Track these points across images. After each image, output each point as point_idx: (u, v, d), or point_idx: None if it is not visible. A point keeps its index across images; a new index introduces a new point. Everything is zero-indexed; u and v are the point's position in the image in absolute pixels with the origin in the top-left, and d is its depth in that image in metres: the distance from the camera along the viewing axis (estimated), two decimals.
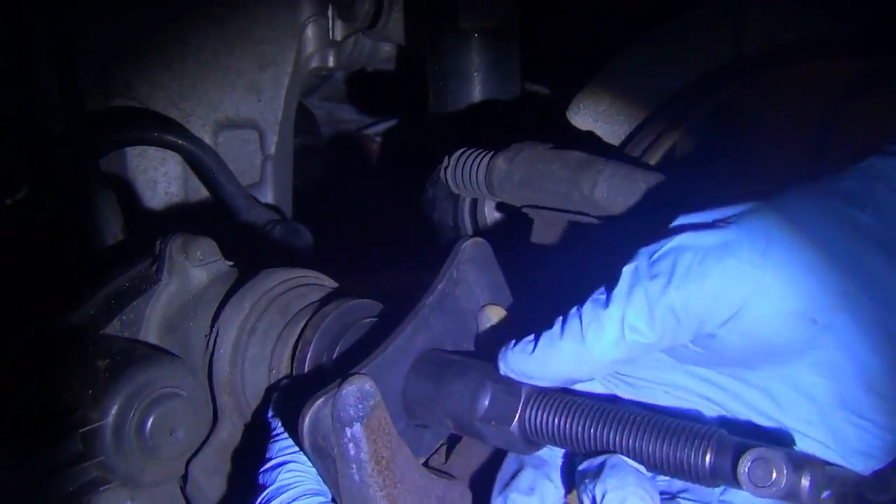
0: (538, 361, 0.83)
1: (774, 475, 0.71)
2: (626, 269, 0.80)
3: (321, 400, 0.83)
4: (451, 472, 0.94)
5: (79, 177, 1.46)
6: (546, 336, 0.83)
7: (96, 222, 1.46)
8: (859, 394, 0.79)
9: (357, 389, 0.83)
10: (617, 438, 0.79)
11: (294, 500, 0.85)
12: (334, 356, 1.00)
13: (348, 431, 0.83)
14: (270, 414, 0.96)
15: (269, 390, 1.03)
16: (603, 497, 0.77)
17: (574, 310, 0.82)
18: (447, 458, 0.96)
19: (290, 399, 0.91)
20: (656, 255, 0.79)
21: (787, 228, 0.79)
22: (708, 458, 0.75)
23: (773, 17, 1.43)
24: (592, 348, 0.80)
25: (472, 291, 0.96)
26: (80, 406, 0.98)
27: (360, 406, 0.83)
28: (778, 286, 0.76)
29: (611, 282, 0.81)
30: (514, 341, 0.85)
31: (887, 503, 0.81)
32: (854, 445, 0.80)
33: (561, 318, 0.83)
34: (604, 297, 0.80)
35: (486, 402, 0.86)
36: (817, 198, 0.82)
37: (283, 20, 1.90)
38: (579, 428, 0.81)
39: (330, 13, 1.94)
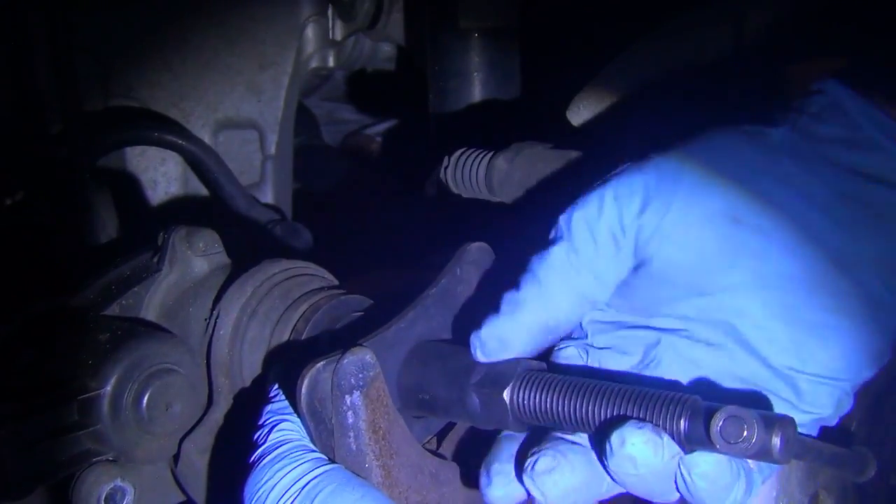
0: (507, 318, 0.88)
1: (746, 432, 0.72)
2: (562, 216, 0.89)
3: (321, 364, 0.84)
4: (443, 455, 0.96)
5: (75, 178, 1.46)
6: (506, 296, 0.89)
7: (91, 223, 1.46)
8: (810, 296, 0.83)
9: (358, 360, 0.85)
10: (597, 410, 0.80)
11: (288, 454, 0.85)
12: (332, 337, 1.01)
13: (348, 399, 0.84)
14: (268, 380, 0.97)
15: (268, 361, 1.04)
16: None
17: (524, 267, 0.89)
18: (439, 445, 0.97)
19: (288, 367, 0.92)
20: (585, 197, 0.89)
21: (700, 146, 0.89)
22: (682, 422, 0.77)
23: (773, 16, 1.43)
24: (549, 285, 0.87)
25: (473, 293, 0.97)
26: (78, 375, 0.98)
27: (360, 376, 0.85)
28: (695, 191, 0.85)
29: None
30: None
31: (866, 482, 0.82)
32: (820, 357, 0.83)
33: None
34: (548, 243, 0.89)
35: (480, 376, 0.87)
36: (733, 126, 0.92)
37: (283, 20, 1.90)
38: (562, 402, 0.83)
39: (330, 13, 1.95)
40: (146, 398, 1.00)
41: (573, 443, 0.84)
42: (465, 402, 0.88)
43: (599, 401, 0.81)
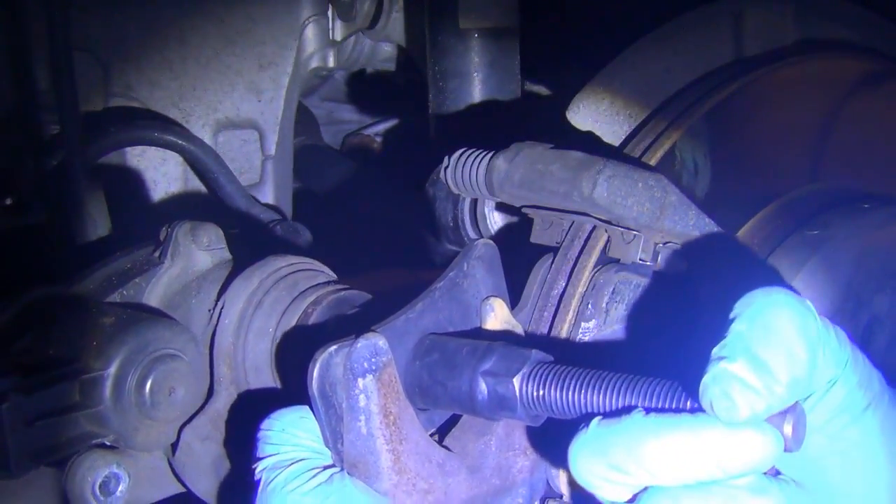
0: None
1: None
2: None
3: (333, 348, 0.84)
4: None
5: (69, 178, 1.46)
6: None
7: (83, 224, 1.46)
8: None
9: (371, 345, 0.85)
10: (615, 401, 0.80)
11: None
12: (338, 324, 1.02)
13: (360, 382, 0.84)
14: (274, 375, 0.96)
15: (272, 350, 1.04)
16: None
17: None
18: (441, 441, 0.97)
19: (297, 352, 0.92)
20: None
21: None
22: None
23: (772, 16, 1.43)
24: None
25: (478, 289, 0.99)
26: (81, 356, 0.98)
27: (373, 360, 0.85)
28: None
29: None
30: None
31: None
32: None
33: None
34: None
35: (489, 364, 0.87)
36: None
37: (283, 20, 1.90)
38: (577, 392, 0.82)
39: (330, 13, 1.95)
40: (150, 382, 1.00)
41: None
42: (472, 389, 0.88)
43: (618, 392, 0.80)
